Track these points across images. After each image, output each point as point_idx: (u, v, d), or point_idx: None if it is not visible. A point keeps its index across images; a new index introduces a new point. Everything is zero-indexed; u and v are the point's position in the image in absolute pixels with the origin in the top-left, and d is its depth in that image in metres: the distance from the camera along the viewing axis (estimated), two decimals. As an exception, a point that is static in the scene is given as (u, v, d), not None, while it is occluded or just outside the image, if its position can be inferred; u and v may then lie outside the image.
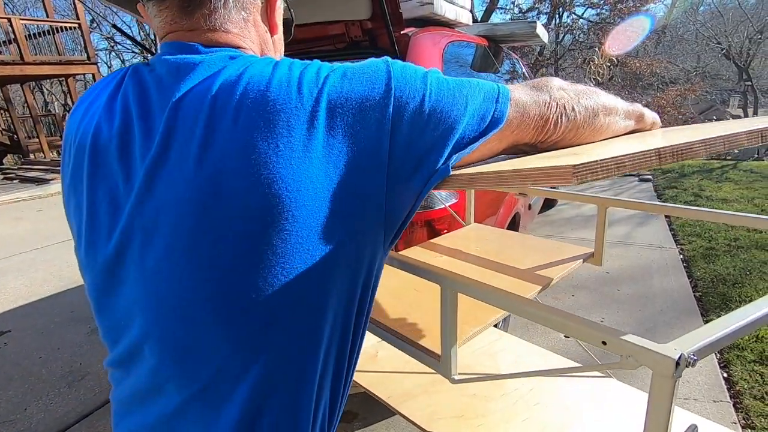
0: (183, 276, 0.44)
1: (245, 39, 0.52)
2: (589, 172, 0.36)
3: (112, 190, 0.48)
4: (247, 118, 0.42)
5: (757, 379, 1.95)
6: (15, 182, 8.49)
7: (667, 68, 15.94)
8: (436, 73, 0.49)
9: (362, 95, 0.44)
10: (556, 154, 0.51)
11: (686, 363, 0.37)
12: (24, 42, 8.56)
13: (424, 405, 1.01)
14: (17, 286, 3.57)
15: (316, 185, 0.42)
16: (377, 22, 1.69)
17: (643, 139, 0.58)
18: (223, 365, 0.45)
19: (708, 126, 0.70)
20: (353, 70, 0.46)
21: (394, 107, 0.44)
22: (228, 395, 0.46)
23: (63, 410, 2.06)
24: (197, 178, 0.43)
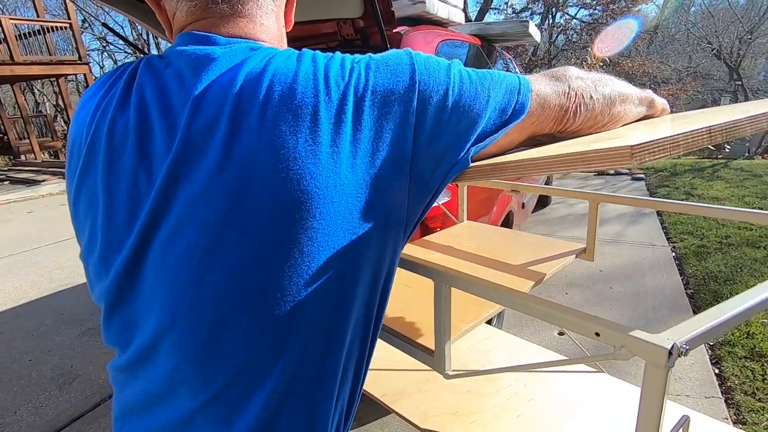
0: (206, 273, 0.42)
1: (266, 32, 0.51)
2: (647, 153, 0.36)
3: (130, 188, 0.45)
4: (274, 113, 0.41)
5: (748, 375, 1.96)
6: (5, 184, 8.39)
7: (659, 68, 16.09)
8: (459, 66, 0.48)
9: (387, 88, 0.43)
10: (590, 139, 0.51)
11: (678, 352, 0.37)
12: (14, 42, 8.47)
13: (418, 403, 1.00)
14: (7, 288, 3.53)
15: (343, 181, 0.41)
16: (369, 20, 1.68)
17: (654, 125, 0.58)
18: (241, 367, 0.43)
19: (714, 110, 0.70)
20: (377, 62, 0.45)
21: (419, 101, 0.44)
22: (244, 400, 0.44)
23: (53, 413, 2.03)
24: (223, 174, 0.41)
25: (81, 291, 3.39)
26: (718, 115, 0.59)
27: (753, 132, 0.45)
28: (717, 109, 0.70)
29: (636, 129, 0.55)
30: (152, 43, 17.86)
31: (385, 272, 0.48)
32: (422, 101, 0.44)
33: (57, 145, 11.92)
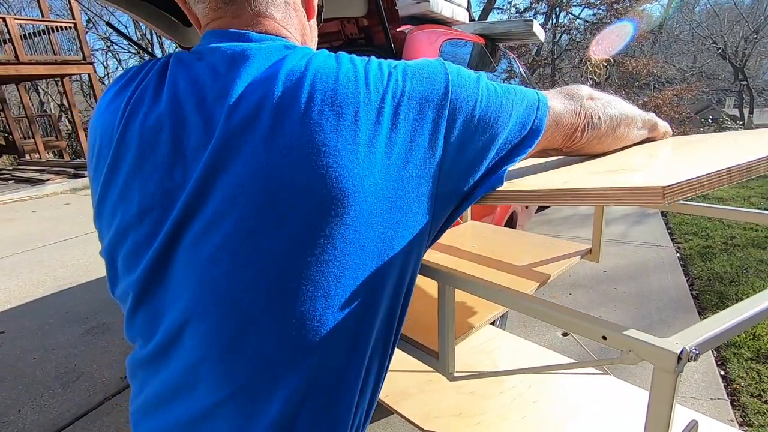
0: (239, 265, 0.42)
1: (288, 25, 0.52)
2: (675, 193, 0.37)
3: (164, 181, 0.46)
4: (317, 111, 0.42)
5: (754, 377, 1.95)
6: (10, 183, 8.44)
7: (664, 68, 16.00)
8: (485, 79, 0.51)
9: (423, 95, 0.46)
10: (610, 166, 0.54)
11: (688, 357, 0.36)
12: (19, 42, 8.51)
13: (421, 404, 1.00)
14: (11, 287, 3.55)
15: (377, 180, 0.43)
16: (373, 19, 1.68)
17: (659, 152, 0.61)
18: (267, 362, 0.44)
19: (714, 137, 0.73)
20: (413, 69, 0.47)
21: (450, 109, 0.46)
22: (267, 396, 0.44)
23: (57, 411, 2.04)
24: (263, 168, 0.42)
25: (85, 290, 3.41)
26: (720, 144, 0.60)
27: (765, 172, 0.47)
28: (716, 138, 0.72)
29: (653, 158, 0.58)
30: (156, 43, 17.92)
31: (409, 274, 0.49)
32: (453, 110, 0.46)
33: (61, 145, 11.98)
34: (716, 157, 0.49)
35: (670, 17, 18.19)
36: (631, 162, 0.55)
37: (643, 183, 0.39)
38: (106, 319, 2.88)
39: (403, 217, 0.45)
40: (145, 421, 0.51)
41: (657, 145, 0.68)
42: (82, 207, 6.46)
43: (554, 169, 0.60)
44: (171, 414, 0.48)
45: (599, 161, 0.60)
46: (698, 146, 0.62)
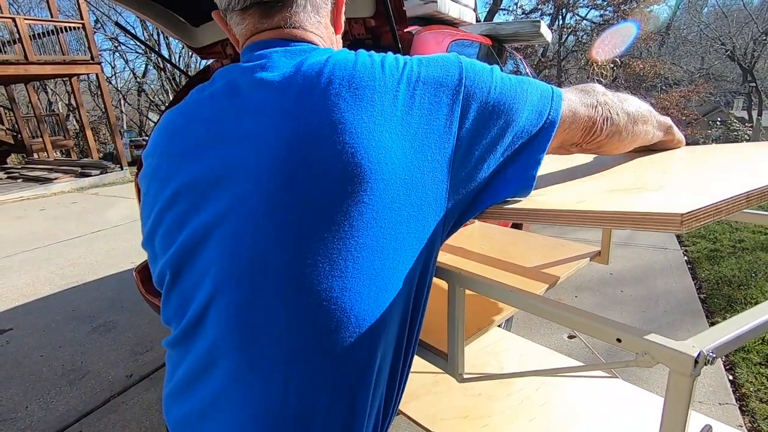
0: (261, 241, 0.44)
1: (319, 38, 0.56)
2: (693, 220, 0.38)
3: (213, 169, 0.49)
4: (335, 92, 0.45)
5: (763, 382, 1.92)
6: (18, 181, 8.52)
7: (671, 69, 15.91)
8: (498, 70, 0.52)
9: (437, 80, 0.47)
10: (628, 183, 0.53)
11: (705, 361, 0.36)
12: (28, 42, 8.59)
13: (428, 405, 0.99)
14: (19, 284, 3.58)
15: (393, 159, 0.44)
16: (380, 20, 1.67)
17: (670, 164, 0.61)
18: (282, 345, 0.44)
19: (727, 150, 0.72)
20: (427, 59, 0.50)
21: (464, 95, 0.47)
22: (281, 382, 0.44)
23: (63, 408, 2.05)
24: (284, 147, 0.44)
25: (92, 288, 3.43)
26: (735, 160, 0.60)
27: None
28: (730, 152, 0.71)
29: (668, 175, 0.57)
30: (163, 43, 18.03)
31: (422, 262, 0.49)
32: (467, 96, 0.48)
33: (69, 144, 12.07)
34: (733, 177, 0.49)
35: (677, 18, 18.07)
36: (646, 179, 0.54)
37: (662, 209, 0.39)
38: (112, 318, 2.89)
39: (419, 201, 0.46)
40: (174, 406, 0.53)
41: (671, 158, 0.67)
42: (89, 206, 6.50)
43: (564, 181, 0.59)
44: (193, 399, 0.49)
45: (612, 175, 0.59)
46: (713, 161, 0.61)
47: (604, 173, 0.62)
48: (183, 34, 1.92)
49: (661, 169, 0.59)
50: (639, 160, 0.67)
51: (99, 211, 6.06)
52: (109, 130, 11.70)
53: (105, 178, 8.66)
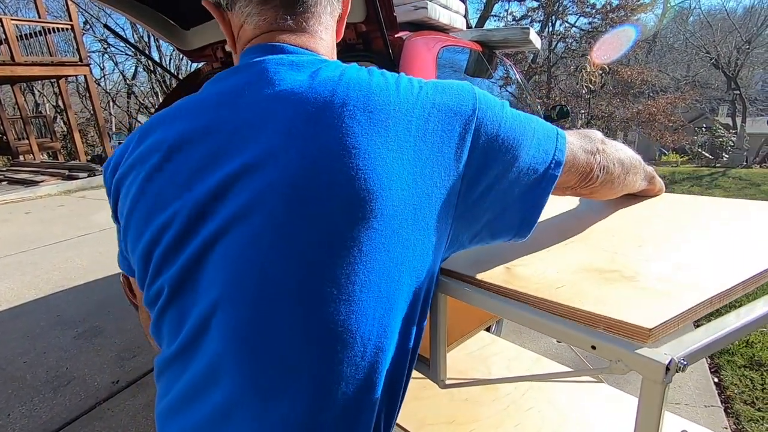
0: (268, 260, 0.43)
1: (323, 44, 0.55)
2: (661, 333, 0.41)
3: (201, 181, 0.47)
4: (349, 114, 0.44)
5: (747, 384, 1.96)
6: (3, 184, 8.37)
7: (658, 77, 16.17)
8: (508, 105, 0.53)
9: (452, 108, 0.47)
10: (609, 268, 0.56)
11: (676, 368, 0.36)
12: (15, 42, 8.47)
13: (414, 410, 0.99)
14: (2, 289, 3.51)
15: (403, 186, 0.44)
16: (371, 25, 1.68)
17: (647, 228, 0.65)
18: (287, 363, 0.44)
19: (697, 201, 0.80)
20: (443, 84, 0.50)
21: (476, 125, 0.48)
22: (286, 400, 0.44)
23: (47, 416, 2.02)
24: (296, 169, 0.43)
25: (78, 293, 3.38)
26: (715, 211, 0.64)
27: (743, 293, 0.49)
28: (711, 203, 0.75)
29: (646, 255, 0.59)
30: (153, 46, 17.90)
31: (426, 283, 0.49)
32: (479, 126, 0.48)
33: (56, 146, 11.91)
34: (703, 269, 0.51)
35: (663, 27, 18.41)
36: (622, 258, 0.57)
37: (633, 320, 0.41)
38: (98, 323, 2.85)
39: (425, 227, 0.46)
40: (171, 421, 0.52)
41: (649, 224, 0.70)
42: (76, 209, 6.41)
43: (547, 243, 0.62)
44: (195, 413, 0.48)
45: (590, 242, 0.62)
46: (687, 233, 0.64)
47: (582, 237, 0.64)
48: (173, 36, 1.91)
49: (637, 243, 0.61)
50: (618, 225, 0.69)
51: (86, 214, 5.98)
52: (97, 132, 11.57)
53: (92, 181, 8.55)
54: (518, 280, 0.53)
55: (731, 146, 11.61)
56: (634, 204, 0.77)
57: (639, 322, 0.40)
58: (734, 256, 0.53)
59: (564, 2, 13.27)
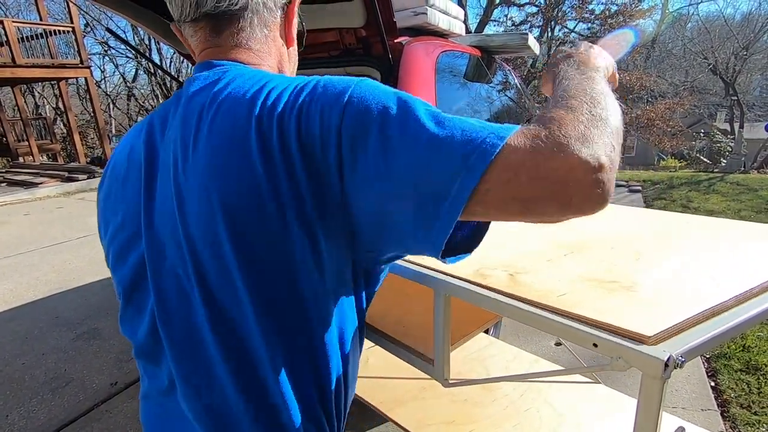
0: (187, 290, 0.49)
1: (264, 55, 0.57)
2: (660, 340, 0.42)
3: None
4: (218, 126, 0.47)
5: (744, 388, 1.96)
6: (2, 185, 8.36)
7: (656, 82, 16.25)
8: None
9: (317, 128, 0.44)
10: (608, 278, 0.57)
11: (675, 364, 0.37)
12: (16, 44, 8.48)
13: (414, 411, 1.00)
14: (2, 290, 3.51)
15: (264, 194, 0.44)
16: (371, 30, 1.70)
17: (639, 242, 0.62)
18: (205, 354, 0.49)
19: (688, 219, 0.80)
20: (313, 106, 0.45)
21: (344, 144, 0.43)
22: (205, 381, 0.50)
23: (45, 417, 2.01)
24: (183, 180, 0.48)
25: (76, 295, 3.37)
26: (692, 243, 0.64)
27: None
28: (701, 222, 0.77)
29: (642, 268, 0.60)
30: (154, 48, 17.94)
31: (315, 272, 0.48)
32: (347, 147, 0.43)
33: (56, 148, 11.90)
34: (703, 275, 0.53)
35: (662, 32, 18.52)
36: (619, 269, 0.58)
37: (633, 327, 0.42)
38: (96, 325, 2.85)
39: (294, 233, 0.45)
40: (144, 407, 0.59)
41: (640, 239, 0.71)
42: (75, 211, 6.40)
43: (544, 256, 0.63)
44: (152, 401, 0.56)
45: (587, 252, 0.63)
46: (687, 246, 0.66)
47: (580, 249, 0.66)
48: (172, 39, 1.92)
49: (634, 257, 0.62)
50: (614, 238, 0.70)
51: (85, 216, 5.97)
52: (97, 134, 11.57)
53: (92, 182, 8.54)
54: (521, 287, 0.54)
55: (729, 151, 11.66)
56: (629, 219, 0.79)
57: (639, 330, 0.41)
58: (726, 272, 0.54)
59: (563, 8, 13.36)
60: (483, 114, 2.39)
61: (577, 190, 0.37)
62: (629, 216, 0.81)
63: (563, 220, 0.39)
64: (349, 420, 0.59)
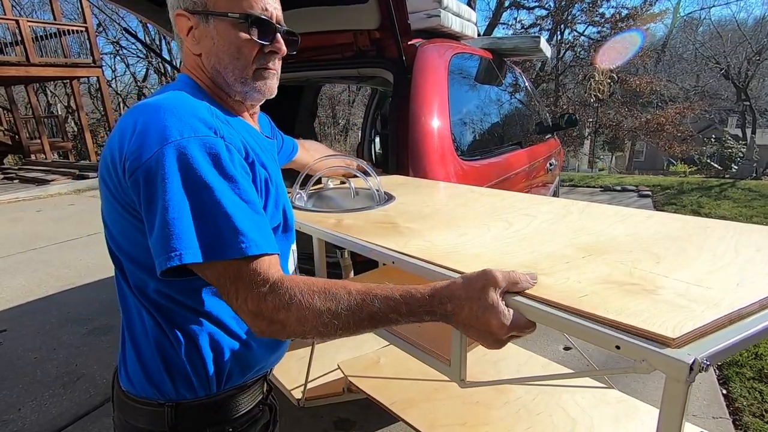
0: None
1: (187, 63, 0.72)
2: (683, 343, 0.42)
3: None
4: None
5: (756, 397, 1.94)
6: (15, 182, 8.48)
7: (667, 86, 16.12)
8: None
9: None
10: (629, 281, 0.57)
11: (700, 368, 0.37)
12: (30, 44, 8.62)
13: (426, 412, 1.00)
14: (15, 285, 3.55)
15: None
16: (385, 32, 1.71)
17: (662, 246, 0.62)
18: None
19: (707, 222, 0.79)
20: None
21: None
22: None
23: (56, 411, 2.04)
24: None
25: (88, 290, 3.41)
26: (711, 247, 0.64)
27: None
28: (722, 226, 0.77)
29: (665, 271, 0.59)
30: (164, 48, 18.13)
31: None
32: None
33: (67, 146, 12.05)
34: (725, 279, 0.53)
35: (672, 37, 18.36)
36: (641, 272, 0.58)
37: (656, 329, 0.43)
38: (107, 320, 2.88)
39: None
40: None
41: (664, 241, 0.71)
42: (86, 208, 6.48)
43: (568, 258, 0.64)
44: None
45: (609, 256, 0.63)
46: (708, 250, 0.66)
47: (599, 252, 0.66)
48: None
49: (654, 260, 0.62)
50: (632, 241, 0.71)
51: (96, 213, 6.04)
52: (107, 133, 11.68)
53: (102, 180, 8.61)
54: (542, 288, 0.54)
55: (741, 157, 11.53)
56: (646, 222, 0.79)
57: (663, 332, 0.41)
58: (750, 275, 0.54)
59: (573, 11, 13.30)
60: (493, 116, 2.39)
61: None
62: (645, 219, 0.81)
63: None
64: (355, 423, 0.60)
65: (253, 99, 0.72)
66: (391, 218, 0.99)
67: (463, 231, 0.84)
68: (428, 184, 1.42)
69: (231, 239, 0.54)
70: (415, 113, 1.59)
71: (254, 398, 0.74)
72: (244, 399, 0.72)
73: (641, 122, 13.37)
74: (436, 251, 0.72)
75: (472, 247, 0.74)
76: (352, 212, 1.07)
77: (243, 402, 0.72)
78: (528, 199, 1.11)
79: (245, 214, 0.56)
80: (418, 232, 0.86)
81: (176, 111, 0.57)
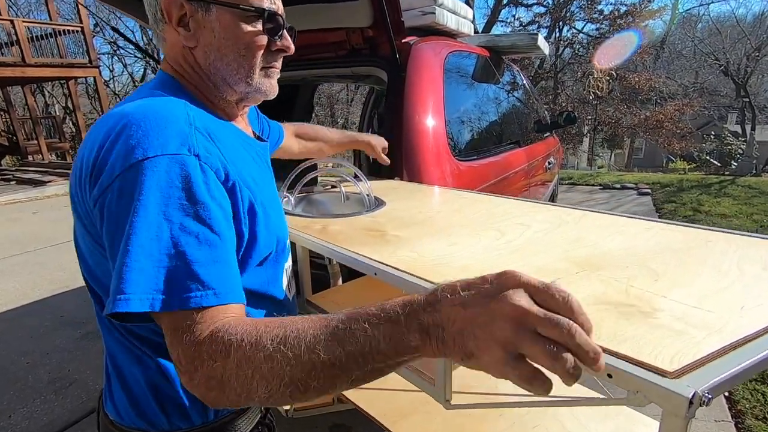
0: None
1: (168, 60, 0.67)
2: (681, 374, 0.39)
3: None
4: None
5: (759, 399, 1.91)
6: (12, 184, 8.44)
7: (666, 83, 16.08)
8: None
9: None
10: (625, 301, 0.54)
11: (700, 402, 0.34)
12: (26, 44, 8.57)
13: (417, 425, 0.97)
14: (8, 288, 3.52)
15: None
16: (378, 30, 1.67)
17: (660, 261, 0.59)
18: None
19: (709, 234, 0.75)
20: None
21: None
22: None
23: (48, 418, 2.01)
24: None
25: (82, 293, 3.38)
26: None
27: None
28: (724, 238, 0.73)
29: (662, 290, 0.57)
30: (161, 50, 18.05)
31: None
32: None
33: (64, 147, 12.01)
34: (728, 301, 0.50)
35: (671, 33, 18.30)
36: (636, 290, 0.55)
37: (654, 362, 0.40)
38: (101, 325, 2.85)
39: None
40: None
41: (662, 257, 0.67)
42: (83, 209, 6.44)
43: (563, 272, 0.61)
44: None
45: (603, 272, 0.60)
46: (710, 266, 0.62)
47: (593, 267, 0.63)
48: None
49: (652, 277, 0.59)
50: (628, 255, 0.67)
51: (92, 214, 6.00)
52: (105, 133, 11.62)
53: (100, 181, 8.58)
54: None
55: (740, 154, 11.50)
56: (645, 234, 0.75)
57: (660, 364, 0.38)
58: (755, 297, 0.51)
59: (571, 8, 13.25)
60: (491, 115, 2.35)
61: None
62: (645, 231, 0.77)
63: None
64: (351, 428, 0.57)
65: (255, 100, 0.66)
66: (380, 225, 0.95)
67: (454, 240, 0.81)
68: (422, 188, 1.39)
69: (185, 286, 0.46)
70: (409, 112, 1.55)
71: (252, 420, 0.70)
72: (241, 423, 0.67)
73: (640, 119, 13.33)
74: (422, 263, 0.69)
75: (461, 258, 0.71)
76: (339, 218, 1.03)
77: (241, 426, 0.67)
78: (523, 205, 1.08)
79: (210, 253, 0.48)
80: (406, 240, 0.82)
81: (143, 124, 0.49)
